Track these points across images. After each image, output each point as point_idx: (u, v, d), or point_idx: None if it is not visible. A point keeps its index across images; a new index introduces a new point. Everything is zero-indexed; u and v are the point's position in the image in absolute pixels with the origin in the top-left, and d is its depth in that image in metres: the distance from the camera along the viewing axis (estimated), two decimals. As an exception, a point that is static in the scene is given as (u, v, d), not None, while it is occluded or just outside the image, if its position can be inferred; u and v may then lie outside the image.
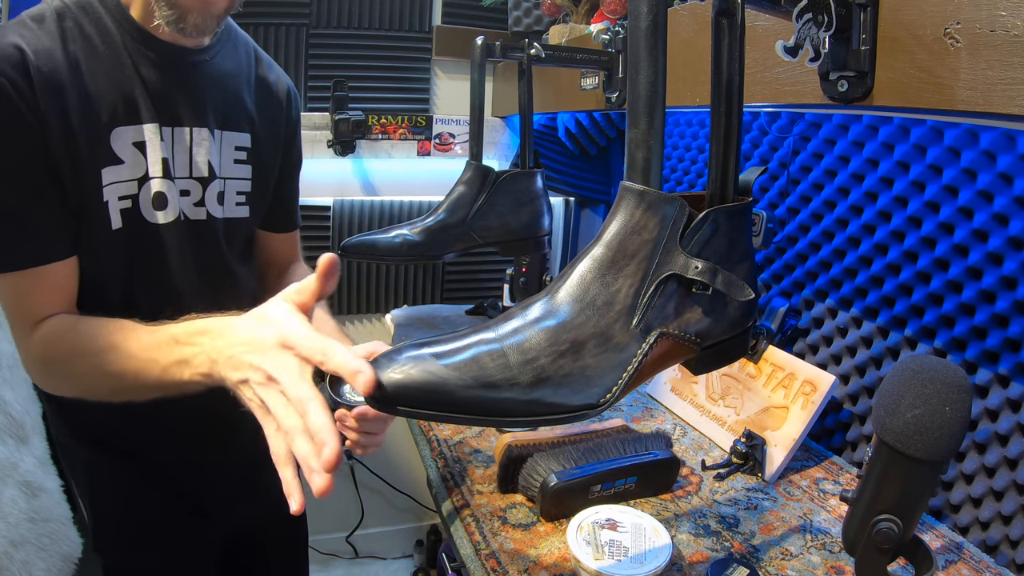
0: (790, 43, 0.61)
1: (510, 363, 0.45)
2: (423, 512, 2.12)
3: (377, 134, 1.78)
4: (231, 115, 0.91)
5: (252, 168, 0.94)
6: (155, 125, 0.81)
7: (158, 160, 0.82)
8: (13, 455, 1.17)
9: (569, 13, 1.46)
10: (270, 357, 0.57)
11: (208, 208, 0.89)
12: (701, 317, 0.49)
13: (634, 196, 0.47)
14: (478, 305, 1.69)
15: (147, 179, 0.82)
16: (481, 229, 1.12)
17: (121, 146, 0.79)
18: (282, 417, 0.55)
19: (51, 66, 0.73)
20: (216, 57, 0.89)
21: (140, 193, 0.81)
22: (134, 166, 0.80)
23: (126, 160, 0.80)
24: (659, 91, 0.45)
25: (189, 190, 0.86)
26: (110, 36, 0.79)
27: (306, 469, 0.53)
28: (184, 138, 0.85)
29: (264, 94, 0.97)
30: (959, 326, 0.92)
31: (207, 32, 0.80)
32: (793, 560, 0.81)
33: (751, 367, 1.10)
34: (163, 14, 0.75)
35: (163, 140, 0.82)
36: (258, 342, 0.58)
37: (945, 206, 0.92)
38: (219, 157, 0.89)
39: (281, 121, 1.00)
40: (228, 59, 0.91)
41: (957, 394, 0.58)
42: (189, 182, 0.86)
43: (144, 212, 0.82)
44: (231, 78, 0.91)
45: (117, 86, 0.78)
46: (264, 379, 0.56)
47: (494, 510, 0.89)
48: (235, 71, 0.92)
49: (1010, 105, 0.54)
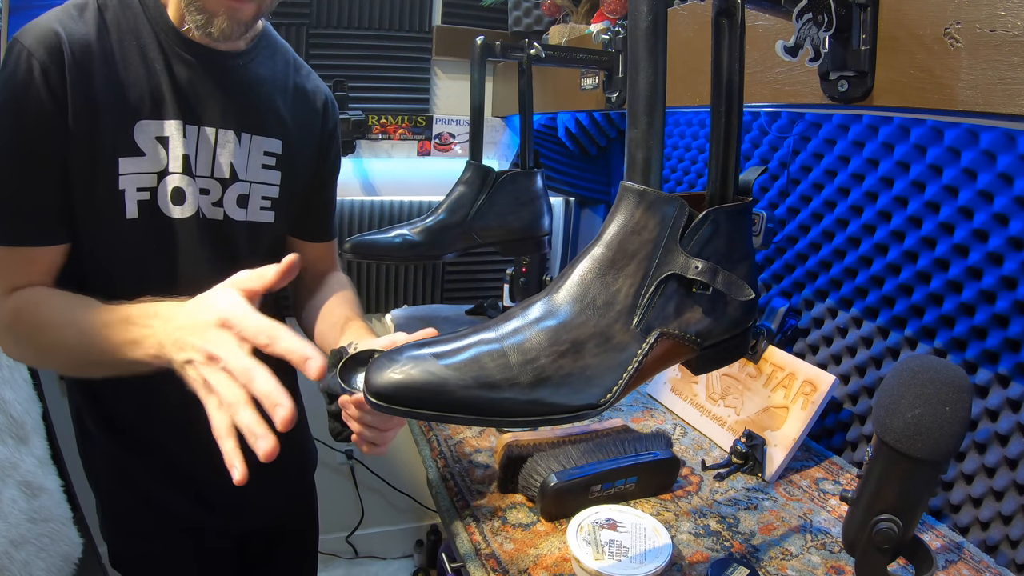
0: (790, 43, 0.61)
1: (510, 363, 0.45)
2: (423, 512, 2.12)
3: (377, 134, 1.78)
4: (262, 120, 0.92)
5: (282, 175, 0.95)
6: (179, 122, 0.83)
7: (179, 156, 0.84)
8: (13, 455, 1.17)
9: (569, 13, 1.46)
10: (210, 337, 0.59)
11: (226, 209, 0.90)
12: (701, 317, 0.49)
13: (634, 196, 0.47)
14: (478, 305, 1.69)
15: (166, 173, 0.83)
16: (481, 229, 1.12)
17: (143, 139, 0.81)
18: (224, 392, 0.56)
19: (85, 54, 0.76)
20: (251, 63, 0.91)
21: (159, 187, 0.83)
22: (154, 160, 0.82)
23: (147, 153, 0.81)
24: (659, 91, 0.45)
25: (209, 189, 0.88)
26: (145, 33, 0.81)
27: (250, 437, 0.54)
28: (208, 138, 0.86)
29: (300, 102, 0.98)
30: (959, 326, 0.92)
31: (235, 37, 0.81)
32: (793, 560, 0.81)
33: (751, 367, 1.10)
34: (192, 18, 0.78)
35: (186, 137, 0.84)
36: (199, 323, 0.60)
37: (945, 206, 0.92)
38: (245, 160, 0.91)
39: (316, 130, 1.01)
40: (264, 65, 0.93)
41: (957, 394, 0.58)
42: (210, 181, 0.88)
43: (161, 205, 0.84)
44: (265, 84, 0.92)
45: (146, 81, 0.81)
46: (205, 358, 0.58)
47: (494, 510, 0.89)
48: (270, 77, 0.93)
49: (1010, 105, 0.54)
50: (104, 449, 0.93)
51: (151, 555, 0.96)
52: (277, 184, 0.95)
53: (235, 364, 0.56)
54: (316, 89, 1.01)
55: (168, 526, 0.95)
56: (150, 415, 0.91)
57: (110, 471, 0.94)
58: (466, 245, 1.12)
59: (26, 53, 0.73)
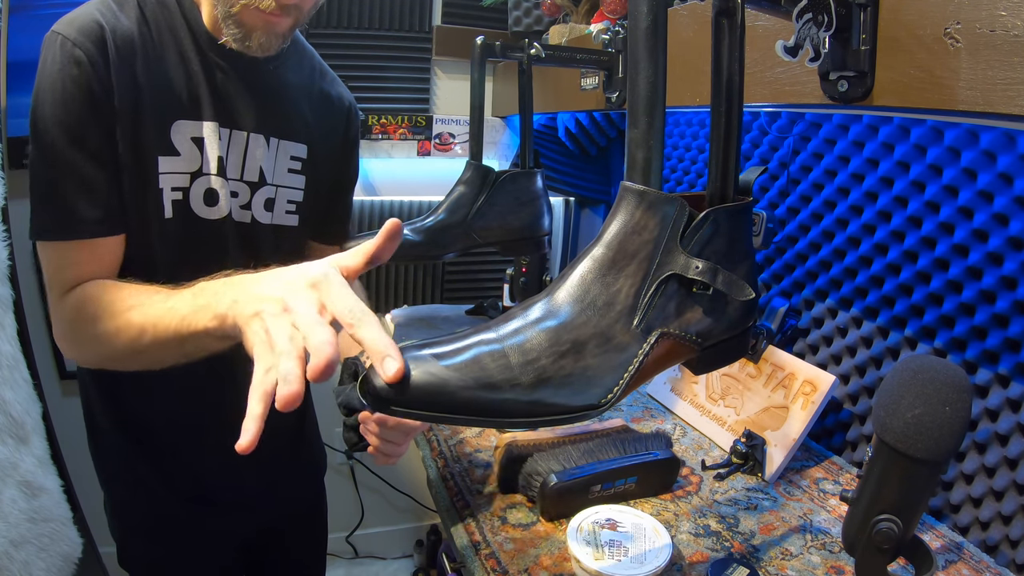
0: (790, 43, 0.61)
1: (511, 364, 0.44)
2: (423, 512, 2.12)
3: (377, 134, 1.78)
4: (289, 125, 0.92)
5: (306, 179, 0.95)
6: (215, 124, 0.83)
7: (214, 157, 0.84)
8: (13, 455, 1.17)
9: (569, 13, 1.46)
10: (296, 291, 0.54)
11: (254, 212, 0.90)
12: (702, 317, 0.49)
13: (634, 196, 0.47)
14: (478, 305, 1.69)
15: (200, 174, 0.83)
16: (481, 229, 1.11)
17: (180, 139, 0.81)
18: (279, 340, 0.51)
19: (127, 48, 0.76)
20: (280, 68, 0.91)
21: (191, 187, 0.83)
22: (189, 160, 0.82)
23: (183, 153, 0.81)
24: (659, 91, 0.45)
25: (238, 192, 0.88)
26: (183, 33, 0.81)
27: (281, 382, 0.49)
28: (241, 141, 0.87)
29: (325, 108, 0.98)
30: (959, 326, 0.92)
31: (272, 50, 0.82)
32: (793, 560, 0.81)
33: (751, 367, 1.10)
34: (230, 32, 0.78)
35: (220, 139, 0.84)
36: (287, 282, 0.55)
37: (945, 206, 0.92)
38: (273, 165, 0.91)
39: (339, 136, 1.01)
40: (292, 71, 0.93)
41: (957, 394, 0.58)
42: (239, 184, 0.88)
43: (193, 206, 0.84)
44: (293, 89, 0.93)
45: (183, 80, 0.81)
46: (280, 309, 0.53)
47: (494, 510, 0.89)
48: (298, 83, 0.94)
49: (1010, 105, 0.54)
50: (116, 448, 0.93)
51: (161, 555, 0.97)
52: (302, 188, 0.95)
53: (305, 319, 0.51)
54: (340, 96, 1.02)
55: (178, 526, 0.96)
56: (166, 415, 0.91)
57: (121, 470, 0.94)
58: (466, 245, 1.12)
59: (70, 44, 0.72)
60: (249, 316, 0.55)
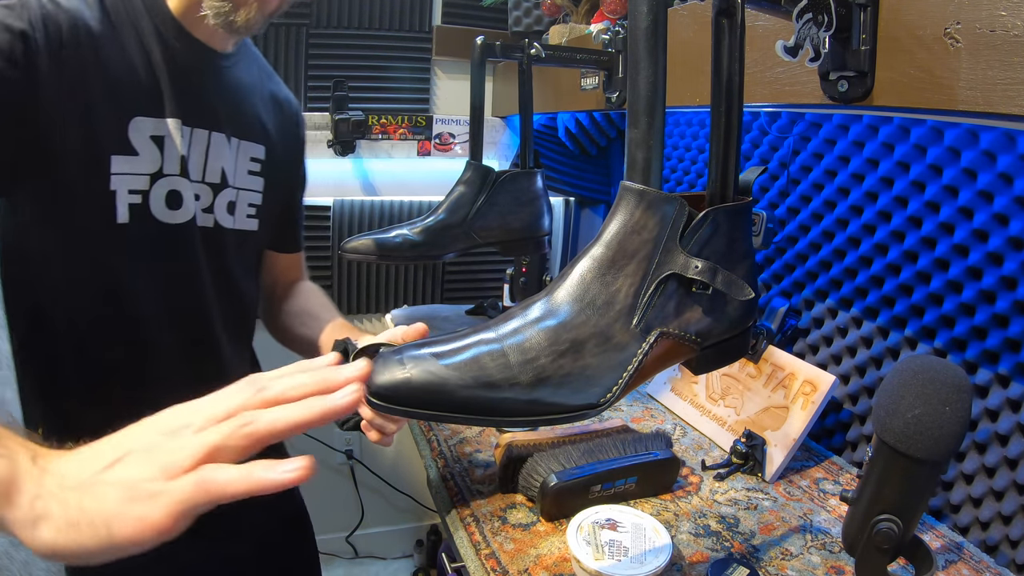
0: (790, 43, 0.61)
1: (510, 363, 0.45)
2: (423, 512, 2.12)
3: (377, 134, 1.78)
4: (248, 125, 0.89)
5: (264, 181, 0.92)
6: (177, 121, 0.78)
7: (176, 157, 0.78)
8: (13, 455, 1.17)
9: (569, 13, 1.46)
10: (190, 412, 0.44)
11: (216, 216, 0.86)
12: (701, 317, 0.49)
13: (634, 196, 0.47)
14: (478, 305, 1.69)
15: (161, 175, 0.78)
16: (481, 229, 1.11)
17: (138, 137, 0.75)
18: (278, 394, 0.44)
19: (83, 33, 0.70)
20: (235, 66, 0.87)
21: (152, 189, 0.77)
22: (149, 160, 0.76)
23: (141, 152, 0.75)
24: (659, 91, 0.45)
25: (200, 194, 0.84)
26: (144, 22, 0.76)
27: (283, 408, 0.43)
28: (203, 140, 0.82)
29: (276, 110, 0.96)
30: (959, 326, 0.92)
31: (254, 30, 0.77)
32: (793, 560, 0.81)
33: (751, 367, 1.10)
34: (213, 4, 0.72)
35: (183, 138, 0.79)
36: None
37: (945, 206, 0.92)
38: (234, 166, 0.88)
39: (292, 139, 0.99)
40: (245, 70, 0.90)
41: (957, 394, 0.58)
42: (202, 187, 0.84)
43: (154, 210, 0.78)
44: (248, 89, 0.90)
45: (144, 74, 0.75)
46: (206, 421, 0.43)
47: (494, 510, 0.89)
48: (251, 83, 0.91)
49: (1010, 105, 0.54)
50: None
51: None
52: (261, 191, 0.92)
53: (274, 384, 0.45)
54: (288, 98, 0.99)
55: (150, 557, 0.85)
56: None
57: None
58: (466, 245, 1.12)
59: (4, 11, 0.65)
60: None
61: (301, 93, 1.69)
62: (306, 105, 1.70)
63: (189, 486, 0.40)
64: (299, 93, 1.69)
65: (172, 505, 0.40)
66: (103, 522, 0.39)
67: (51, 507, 0.40)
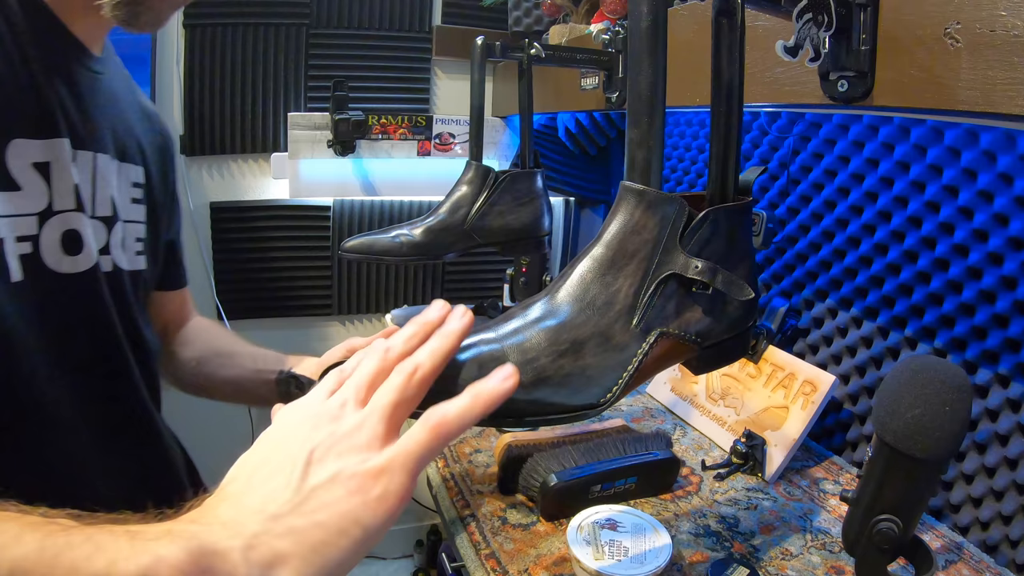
0: (790, 43, 0.61)
1: (510, 363, 0.45)
2: (423, 512, 2.12)
3: (377, 134, 1.78)
4: (127, 144, 0.72)
5: (146, 209, 0.77)
6: (64, 141, 0.60)
7: (69, 189, 0.60)
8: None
9: (569, 13, 1.46)
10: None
11: (113, 257, 0.68)
12: (701, 317, 0.49)
13: (634, 196, 0.47)
14: (478, 305, 1.69)
15: (51, 213, 0.59)
16: (481, 229, 1.11)
17: (20, 166, 0.56)
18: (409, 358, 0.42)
19: None
20: (107, 75, 0.69)
21: (42, 232, 0.58)
22: (34, 195, 0.57)
23: (24, 186, 0.56)
24: (659, 91, 0.45)
25: (96, 232, 0.66)
26: (15, 19, 0.56)
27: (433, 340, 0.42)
28: (89, 164, 0.64)
29: (148, 124, 0.80)
30: (959, 326, 0.92)
31: (160, 24, 0.62)
32: (793, 560, 0.81)
33: (751, 367, 1.10)
34: None
35: (75, 163, 0.61)
36: None
37: (945, 206, 0.92)
38: (120, 194, 0.70)
39: (165, 158, 0.84)
40: (116, 79, 0.73)
41: (957, 394, 0.58)
42: (95, 222, 0.66)
43: (48, 259, 0.59)
44: (122, 102, 0.73)
45: (24, 86, 0.57)
46: (360, 390, 0.42)
47: (494, 510, 0.89)
48: (124, 94, 0.74)
49: (1010, 105, 0.54)
50: None
51: None
52: (144, 222, 0.76)
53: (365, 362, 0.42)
54: (155, 112, 0.84)
55: None
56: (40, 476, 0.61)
57: None
58: (466, 245, 1.12)
59: None
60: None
61: (301, 93, 1.69)
62: (306, 105, 1.70)
63: (423, 436, 0.39)
64: (299, 93, 1.69)
65: (409, 464, 0.38)
66: (352, 522, 0.36)
67: (275, 546, 0.35)
